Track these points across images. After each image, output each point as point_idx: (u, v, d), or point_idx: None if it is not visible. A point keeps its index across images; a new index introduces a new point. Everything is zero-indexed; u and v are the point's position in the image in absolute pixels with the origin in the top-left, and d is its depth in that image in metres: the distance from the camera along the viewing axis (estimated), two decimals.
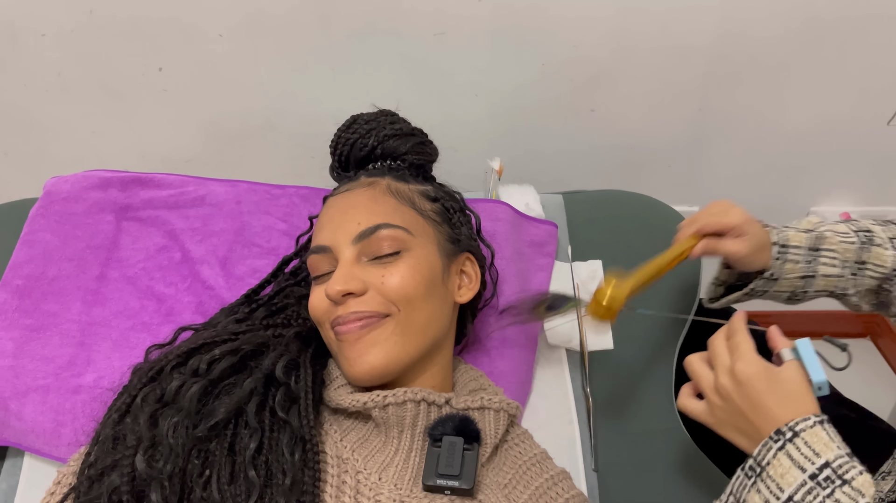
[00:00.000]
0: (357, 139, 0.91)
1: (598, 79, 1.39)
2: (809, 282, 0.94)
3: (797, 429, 0.67)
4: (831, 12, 1.32)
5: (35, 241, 1.03)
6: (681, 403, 0.79)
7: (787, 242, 0.92)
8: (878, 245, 0.94)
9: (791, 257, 0.92)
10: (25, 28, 1.28)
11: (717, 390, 0.73)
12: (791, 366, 0.71)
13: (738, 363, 0.71)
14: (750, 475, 0.69)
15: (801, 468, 0.65)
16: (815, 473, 0.65)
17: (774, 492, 0.66)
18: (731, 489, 0.71)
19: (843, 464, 0.65)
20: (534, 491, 0.81)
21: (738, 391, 0.71)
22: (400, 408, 0.78)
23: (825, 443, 0.66)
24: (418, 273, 0.81)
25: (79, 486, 0.72)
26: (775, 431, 0.68)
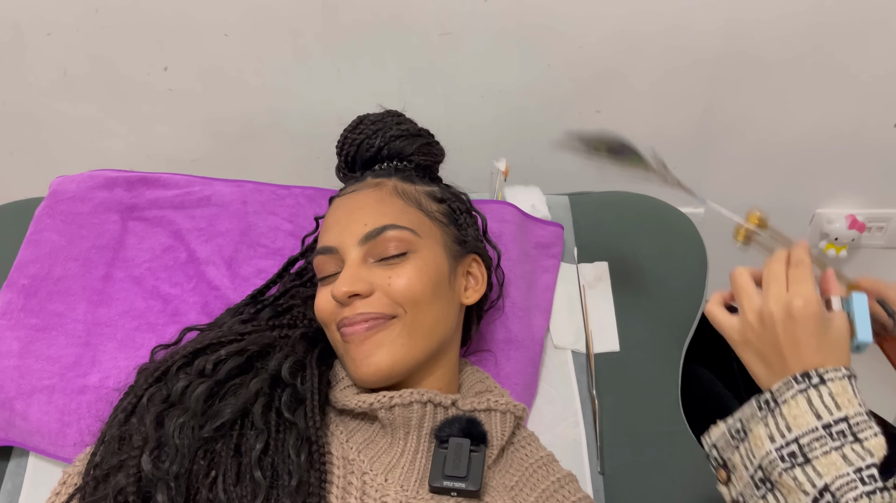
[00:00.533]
0: (363, 140, 0.91)
1: (604, 79, 1.39)
2: None
3: (825, 377, 0.65)
4: (838, 15, 1.31)
5: (41, 241, 1.03)
6: (710, 310, 0.74)
7: None
8: None
9: None
10: (31, 27, 1.28)
11: (762, 315, 0.69)
12: (840, 317, 0.68)
13: (797, 298, 0.66)
14: (762, 408, 0.67)
15: (817, 415, 0.64)
16: (830, 424, 0.63)
17: (781, 430, 0.64)
18: (739, 415, 0.70)
19: (860, 422, 0.63)
20: (540, 493, 0.81)
21: (785, 324, 0.67)
22: (406, 410, 0.78)
23: (849, 398, 0.64)
24: (425, 274, 0.81)
25: (84, 487, 0.71)
26: (802, 373, 0.65)
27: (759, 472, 0.66)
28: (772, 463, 0.64)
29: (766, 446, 0.65)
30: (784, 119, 1.47)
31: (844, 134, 1.49)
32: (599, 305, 1.09)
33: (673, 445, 0.99)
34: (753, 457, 0.66)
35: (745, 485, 0.67)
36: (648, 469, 0.97)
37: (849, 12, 1.31)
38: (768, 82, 1.41)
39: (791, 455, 0.64)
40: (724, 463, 0.70)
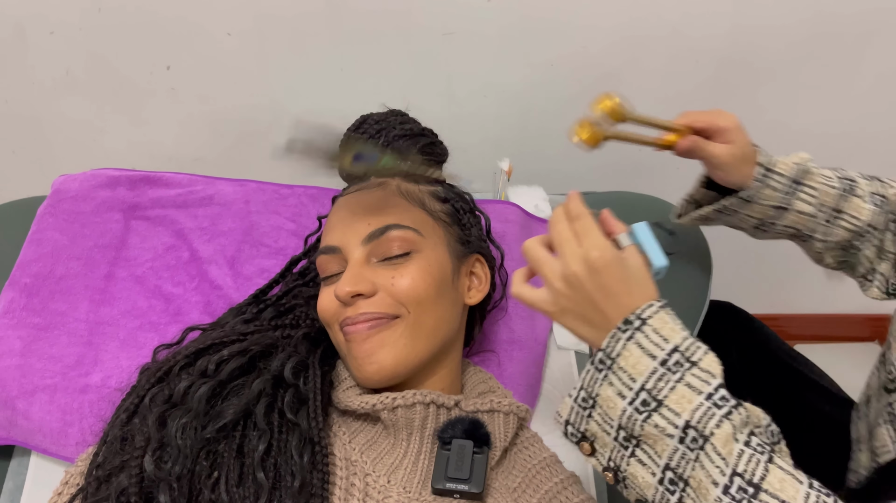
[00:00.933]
0: (367, 139, 0.91)
1: (608, 79, 1.38)
2: (781, 214, 0.93)
3: (644, 317, 0.64)
4: (842, 17, 1.31)
5: (43, 240, 1.02)
6: (516, 291, 0.72)
7: (773, 167, 0.91)
8: (858, 196, 0.93)
9: (772, 183, 0.91)
10: (34, 26, 1.28)
11: (566, 277, 0.67)
12: (633, 252, 0.67)
13: (593, 250, 0.65)
14: (601, 368, 0.65)
15: (651, 355, 0.63)
16: (665, 359, 0.63)
17: (626, 383, 0.64)
18: (581, 384, 0.68)
19: (689, 346, 0.64)
20: (543, 495, 0.80)
21: (591, 279, 0.65)
22: (409, 411, 0.78)
23: (671, 328, 0.64)
24: (428, 274, 0.81)
25: (87, 487, 0.71)
26: (623, 321, 0.64)
27: (621, 432, 0.65)
28: (630, 418, 0.63)
29: (620, 405, 0.64)
30: (788, 121, 1.47)
31: (847, 138, 1.49)
32: None
33: None
34: (611, 419, 0.65)
35: (611, 449, 0.66)
36: None
37: (851, 17, 1.31)
38: (772, 84, 1.41)
39: (644, 404, 0.63)
40: (582, 435, 0.68)
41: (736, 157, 0.89)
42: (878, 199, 0.94)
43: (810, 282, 1.80)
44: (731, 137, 0.88)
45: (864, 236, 0.94)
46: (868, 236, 0.94)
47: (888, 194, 0.95)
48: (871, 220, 0.93)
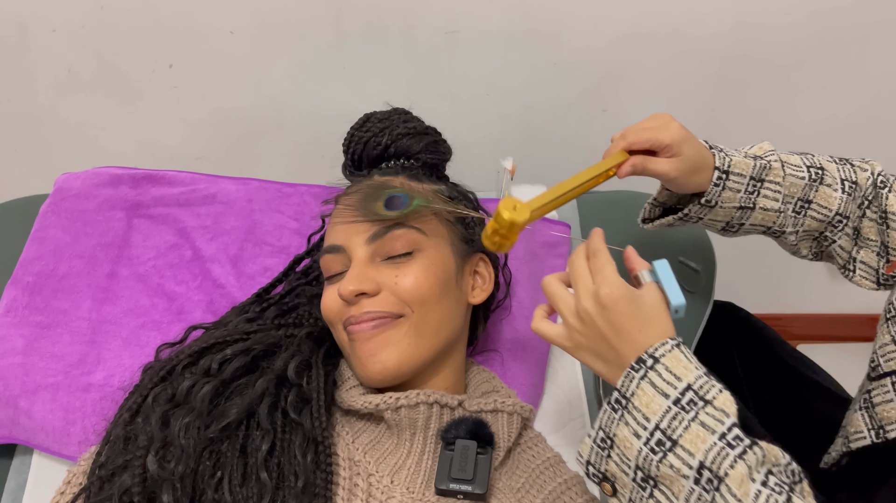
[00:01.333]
0: (370, 138, 0.90)
1: (611, 78, 1.38)
2: (747, 213, 0.89)
3: (657, 355, 0.64)
4: (845, 15, 1.31)
5: (46, 238, 1.02)
6: (535, 326, 0.73)
7: (730, 168, 0.86)
8: (827, 185, 0.90)
9: (731, 185, 0.86)
10: (36, 24, 1.27)
11: (579, 314, 0.68)
12: (651, 289, 0.68)
13: (603, 287, 0.66)
14: (616, 408, 0.66)
15: (664, 394, 0.63)
16: (678, 398, 0.63)
17: (641, 423, 0.63)
18: (599, 424, 0.68)
19: (703, 385, 0.63)
20: (547, 495, 0.80)
21: (601, 315, 0.66)
22: (412, 411, 0.78)
23: (685, 366, 0.64)
24: (432, 273, 0.80)
25: (89, 486, 0.71)
26: (637, 360, 0.65)
27: (638, 473, 0.64)
28: (646, 458, 0.63)
29: (635, 445, 0.63)
30: (791, 120, 1.46)
31: (851, 136, 1.49)
32: None
33: None
34: (628, 459, 0.64)
35: (630, 490, 0.65)
36: None
37: (856, 15, 1.30)
38: (775, 84, 1.40)
39: (659, 444, 0.62)
40: (603, 476, 0.68)
41: (683, 170, 0.83)
42: (848, 186, 0.90)
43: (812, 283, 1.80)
44: (678, 150, 0.82)
45: (836, 226, 0.91)
46: (840, 226, 0.91)
47: (859, 179, 0.91)
48: (840, 210, 0.90)
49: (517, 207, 0.72)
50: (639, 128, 0.84)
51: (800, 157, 0.92)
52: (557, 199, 0.77)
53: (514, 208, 0.72)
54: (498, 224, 0.72)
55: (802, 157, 0.92)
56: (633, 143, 0.83)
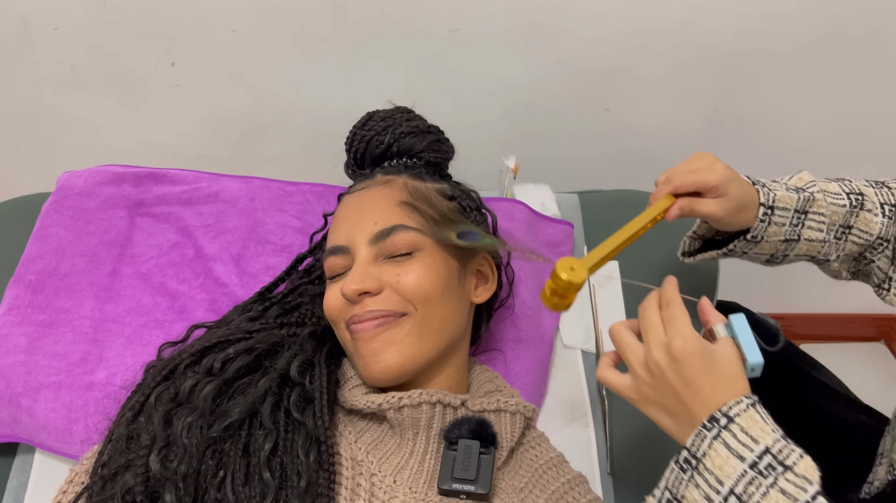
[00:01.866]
0: (373, 136, 0.90)
1: (614, 77, 1.38)
2: (792, 245, 0.88)
3: (731, 415, 0.61)
4: (850, 13, 1.30)
5: (48, 236, 1.02)
6: (600, 375, 0.71)
7: (775, 204, 0.85)
8: (867, 210, 0.89)
9: (776, 219, 0.85)
10: (38, 21, 1.27)
11: (648, 365, 0.66)
12: (726, 344, 0.65)
13: (676, 339, 0.64)
14: (685, 468, 0.63)
15: (739, 457, 0.60)
16: (755, 461, 0.59)
17: (714, 486, 0.60)
18: (665, 484, 0.65)
19: (782, 449, 0.60)
20: (550, 495, 0.80)
21: (672, 369, 0.64)
22: (415, 410, 0.77)
23: (761, 427, 0.61)
24: (434, 271, 0.80)
25: (92, 486, 0.71)
26: (709, 418, 0.62)
27: None
28: None
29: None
30: (795, 118, 1.46)
31: (856, 132, 1.48)
32: (609, 305, 1.08)
33: None
34: None
35: None
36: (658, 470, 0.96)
37: (861, 8, 1.30)
38: (779, 79, 1.40)
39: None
40: None
41: (730, 209, 0.82)
42: (888, 210, 0.90)
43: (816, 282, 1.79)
44: (724, 190, 0.81)
45: (875, 248, 0.91)
46: (880, 248, 0.91)
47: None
48: (881, 233, 0.89)
49: (574, 268, 0.71)
50: (683, 170, 0.83)
51: (838, 185, 0.91)
52: (611, 253, 0.76)
53: (571, 269, 0.70)
54: (556, 285, 0.71)
55: (840, 184, 0.91)
56: (679, 187, 0.82)
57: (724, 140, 1.49)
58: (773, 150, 1.51)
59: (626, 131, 1.47)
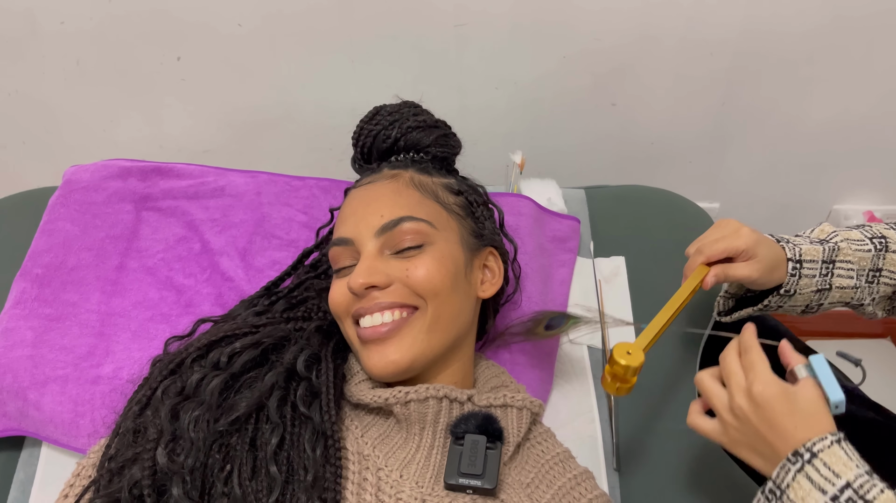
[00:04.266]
0: (380, 131, 0.90)
1: (620, 72, 1.37)
2: (825, 294, 0.91)
3: (815, 450, 0.65)
4: (857, 8, 1.29)
5: (55, 230, 1.02)
6: (691, 421, 0.77)
7: (802, 257, 0.89)
8: (893, 251, 0.91)
9: (806, 272, 0.89)
10: (44, 15, 1.27)
11: (733, 410, 0.71)
12: (807, 385, 0.69)
13: (756, 384, 0.69)
14: (770, 498, 0.67)
15: (821, 490, 0.64)
16: (836, 495, 0.63)
17: None
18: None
19: (863, 484, 0.63)
20: (556, 490, 0.80)
21: (755, 413, 0.69)
22: (422, 405, 0.77)
23: (844, 463, 0.64)
24: (443, 265, 0.80)
25: (99, 479, 0.71)
26: (793, 453, 0.66)
27: None
28: None
29: None
30: (801, 114, 1.45)
31: (863, 129, 1.47)
32: (616, 300, 1.07)
33: (689, 443, 0.98)
34: None
35: None
36: (664, 466, 0.96)
37: (868, 5, 1.29)
38: (786, 76, 1.39)
39: None
40: None
41: (762, 270, 0.86)
42: None
43: None
44: (752, 253, 0.85)
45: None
46: None
47: None
48: None
49: (631, 352, 0.76)
50: (711, 240, 0.87)
51: (859, 231, 0.93)
52: (660, 331, 0.81)
53: (628, 353, 0.76)
54: (615, 371, 0.77)
55: (861, 231, 0.93)
56: (710, 257, 0.86)
57: (731, 135, 1.48)
58: (779, 146, 1.50)
59: (633, 126, 1.46)
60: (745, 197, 1.59)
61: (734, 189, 1.58)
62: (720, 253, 0.86)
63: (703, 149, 1.51)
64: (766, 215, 1.62)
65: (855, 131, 1.48)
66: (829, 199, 1.62)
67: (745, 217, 1.61)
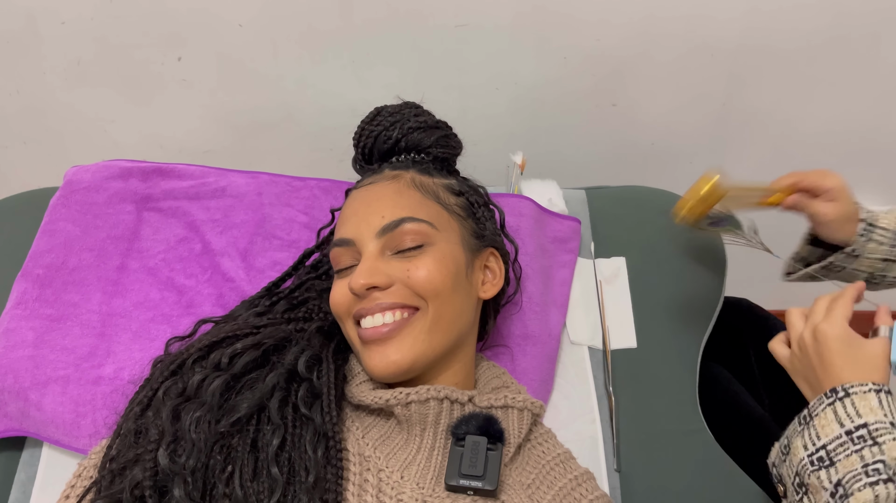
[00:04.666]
0: (381, 131, 0.90)
1: (621, 73, 1.37)
2: (891, 266, 0.94)
3: (850, 391, 0.71)
4: (858, 10, 1.29)
5: (56, 231, 1.02)
6: (771, 345, 0.82)
7: (876, 222, 0.92)
8: None
9: (876, 237, 0.92)
10: (45, 15, 1.27)
11: (799, 342, 0.77)
12: (878, 342, 0.74)
13: (823, 323, 0.75)
14: (801, 423, 0.74)
15: (840, 423, 0.70)
16: (851, 430, 0.69)
17: (812, 440, 0.72)
18: (787, 432, 0.77)
19: (880, 429, 0.68)
20: (557, 491, 0.80)
21: (814, 347, 0.75)
22: (423, 406, 0.77)
23: (871, 409, 0.70)
24: (444, 266, 0.80)
25: (100, 480, 0.71)
26: (831, 389, 0.72)
27: (796, 478, 0.72)
28: (804, 467, 0.71)
29: (801, 454, 0.72)
30: (803, 113, 1.45)
31: (865, 129, 1.47)
32: (616, 301, 1.08)
33: (690, 444, 0.98)
34: (793, 465, 0.73)
35: (791, 492, 0.74)
36: (665, 467, 0.96)
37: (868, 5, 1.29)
38: (788, 76, 1.39)
39: (819, 460, 0.71)
40: (779, 478, 0.76)
41: (840, 215, 0.91)
42: None
43: None
44: (836, 196, 0.91)
45: None
46: None
47: None
48: None
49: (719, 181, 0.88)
50: (804, 172, 0.93)
51: None
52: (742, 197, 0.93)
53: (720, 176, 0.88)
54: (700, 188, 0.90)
55: None
56: (800, 181, 0.93)
57: (731, 137, 1.48)
58: (780, 145, 1.50)
59: (633, 127, 1.46)
60: None
61: None
62: (809, 182, 0.92)
63: (703, 149, 1.51)
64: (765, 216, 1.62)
65: (855, 131, 1.48)
66: None
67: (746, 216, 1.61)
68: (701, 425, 0.99)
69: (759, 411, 1.09)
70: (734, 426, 1.05)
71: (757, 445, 1.06)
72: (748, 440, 1.05)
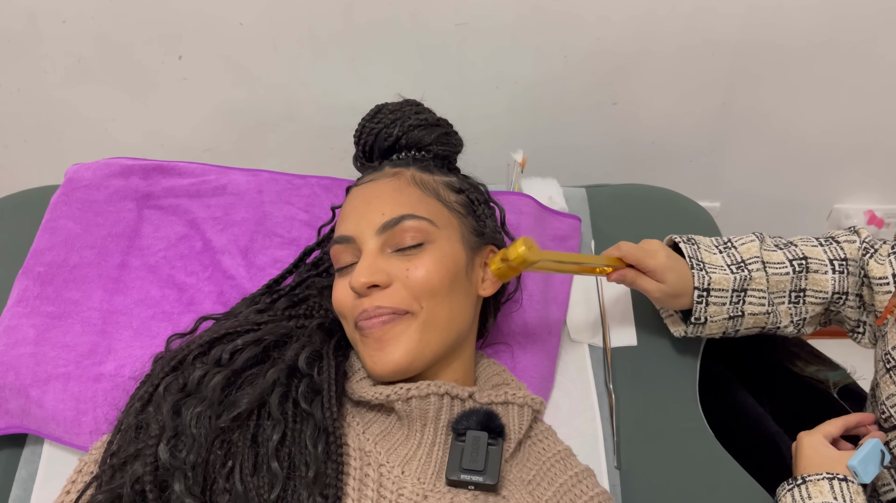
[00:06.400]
0: (382, 129, 0.90)
1: (621, 71, 1.37)
2: (738, 321, 0.95)
3: (806, 478, 0.83)
4: (857, 9, 1.29)
5: (57, 228, 1.02)
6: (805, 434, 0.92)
7: (711, 286, 0.92)
8: (814, 271, 0.95)
9: (714, 300, 0.93)
10: (46, 14, 1.28)
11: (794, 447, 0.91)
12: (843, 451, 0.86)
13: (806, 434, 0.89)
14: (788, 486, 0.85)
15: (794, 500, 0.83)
16: None
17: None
18: None
19: None
20: (558, 488, 0.80)
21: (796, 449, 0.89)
22: (423, 402, 0.78)
23: (821, 492, 0.81)
24: (443, 265, 0.80)
25: (101, 475, 0.71)
26: (792, 477, 0.85)
27: None
28: None
29: None
30: (803, 112, 1.45)
31: (865, 128, 1.48)
32: (617, 299, 1.08)
33: (689, 441, 0.98)
34: None
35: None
36: (665, 464, 0.96)
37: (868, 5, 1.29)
38: (788, 75, 1.39)
39: None
40: None
41: (666, 293, 0.92)
42: (838, 265, 0.95)
43: None
44: (661, 278, 0.91)
45: (837, 302, 0.96)
46: (841, 301, 0.96)
47: (848, 254, 0.95)
48: (836, 289, 0.95)
49: (532, 248, 0.82)
50: (633, 246, 0.93)
51: (782, 253, 0.97)
52: (562, 263, 0.89)
53: (529, 248, 0.82)
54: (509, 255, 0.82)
55: (784, 252, 0.97)
56: (624, 255, 0.93)
57: (732, 135, 1.49)
58: (780, 144, 1.50)
59: (634, 125, 1.46)
60: (745, 196, 1.59)
61: (735, 188, 1.58)
62: (632, 259, 0.92)
63: (703, 148, 1.51)
64: (766, 214, 1.62)
65: (855, 130, 1.48)
66: (830, 198, 1.62)
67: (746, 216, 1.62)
68: (701, 422, 0.99)
69: (759, 411, 1.09)
70: (734, 425, 1.06)
71: (756, 444, 1.06)
72: (748, 439, 1.05)
